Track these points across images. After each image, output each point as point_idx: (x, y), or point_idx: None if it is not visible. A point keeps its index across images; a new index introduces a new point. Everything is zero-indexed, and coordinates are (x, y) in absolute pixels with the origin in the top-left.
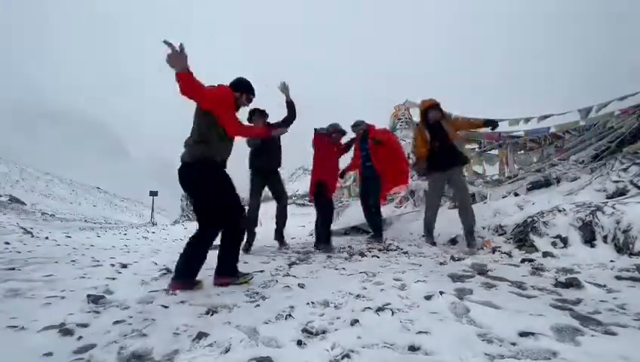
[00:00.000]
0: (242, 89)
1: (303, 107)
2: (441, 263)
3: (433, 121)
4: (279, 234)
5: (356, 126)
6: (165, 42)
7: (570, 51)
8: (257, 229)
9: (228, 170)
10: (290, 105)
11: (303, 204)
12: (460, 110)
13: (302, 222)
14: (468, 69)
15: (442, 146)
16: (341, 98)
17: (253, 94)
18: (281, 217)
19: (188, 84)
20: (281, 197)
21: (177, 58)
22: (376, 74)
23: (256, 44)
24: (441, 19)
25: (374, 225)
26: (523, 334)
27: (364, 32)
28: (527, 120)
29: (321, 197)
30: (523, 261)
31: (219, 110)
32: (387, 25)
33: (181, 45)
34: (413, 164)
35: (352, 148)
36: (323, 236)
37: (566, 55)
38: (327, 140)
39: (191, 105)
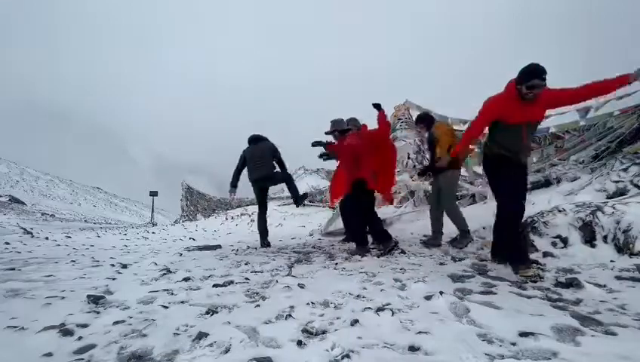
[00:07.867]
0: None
1: None
2: (441, 263)
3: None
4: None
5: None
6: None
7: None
8: None
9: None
10: None
11: (303, 205)
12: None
13: (302, 222)
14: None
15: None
16: None
17: None
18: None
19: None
20: None
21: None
22: None
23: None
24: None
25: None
26: (523, 334)
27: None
28: None
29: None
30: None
31: None
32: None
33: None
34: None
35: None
36: (349, 236)
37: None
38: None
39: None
